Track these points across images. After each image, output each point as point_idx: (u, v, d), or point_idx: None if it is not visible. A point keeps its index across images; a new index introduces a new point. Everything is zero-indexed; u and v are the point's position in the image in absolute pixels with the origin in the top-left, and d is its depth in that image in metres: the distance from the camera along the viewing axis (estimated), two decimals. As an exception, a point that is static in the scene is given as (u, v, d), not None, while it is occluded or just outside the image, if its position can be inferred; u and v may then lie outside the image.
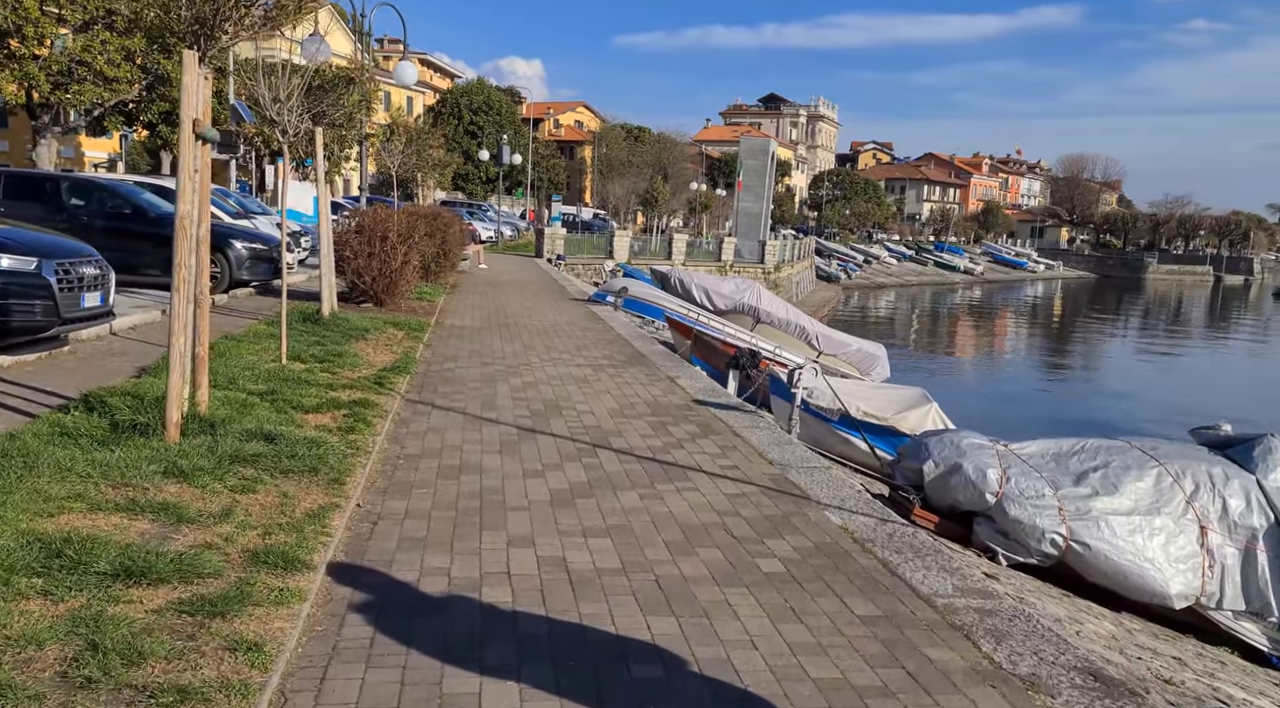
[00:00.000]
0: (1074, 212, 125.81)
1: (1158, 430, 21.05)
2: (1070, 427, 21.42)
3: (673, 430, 7.05)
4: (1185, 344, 45.69)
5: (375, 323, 11.50)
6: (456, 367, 9.47)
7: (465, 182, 65.04)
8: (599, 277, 34.01)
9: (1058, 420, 22.54)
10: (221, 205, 16.37)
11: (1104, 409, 24.93)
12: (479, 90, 67.37)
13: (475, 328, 12.88)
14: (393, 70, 14.79)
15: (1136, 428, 21.39)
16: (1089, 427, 21.35)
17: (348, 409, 6.78)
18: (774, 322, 19.23)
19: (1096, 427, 21.65)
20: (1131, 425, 21.67)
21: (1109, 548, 6.68)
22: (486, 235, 41.05)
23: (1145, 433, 20.64)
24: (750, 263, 43.97)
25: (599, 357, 10.74)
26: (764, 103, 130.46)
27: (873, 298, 65.78)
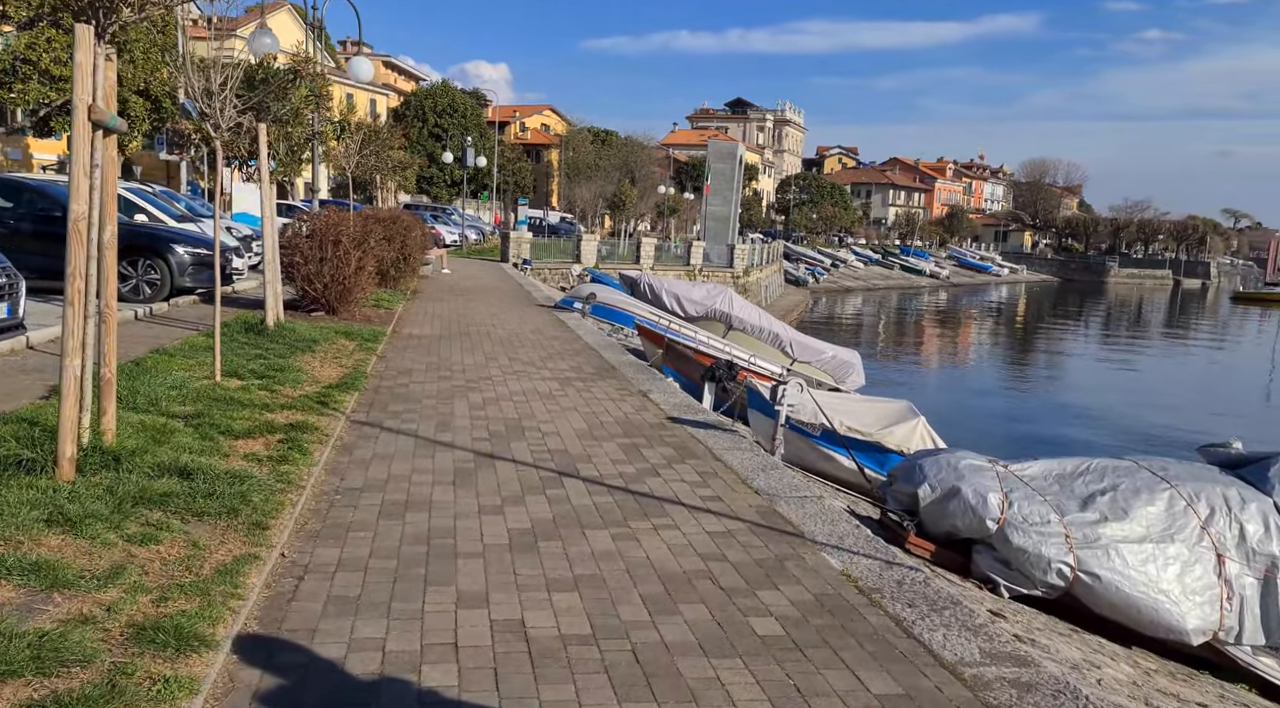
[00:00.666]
0: (1036, 216, 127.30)
1: (1138, 438, 20.83)
2: (1049, 433, 21.12)
3: (647, 454, 6.41)
4: (1151, 348, 46.00)
5: (325, 333, 10.74)
6: (411, 382, 8.75)
7: (430, 185, 63.97)
8: (566, 281, 33.31)
9: (1036, 428, 22.27)
10: (166, 208, 15.49)
11: (1080, 415, 24.72)
12: (443, 93, 66.32)
13: (434, 337, 12.15)
14: (347, 66, 14.04)
15: (1115, 435, 21.16)
16: (1069, 433, 21.06)
17: (284, 434, 6.05)
18: (747, 328, 18.69)
19: (1076, 432, 21.38)
20: (1109, 432, 21.44)
21: (1120, 579, 6.15)
22: (451, 239, 40.19)
23: (1128, 442, 20.47)
24: (719, 267, 43.55)
25: (566, 369, 10.08)
26: (731, 107, 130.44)
27: (841, 302, 65.74)
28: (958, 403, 25.92)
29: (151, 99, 21.45)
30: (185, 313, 11.95)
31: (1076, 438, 20.86)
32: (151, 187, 17.37)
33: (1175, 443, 19.80)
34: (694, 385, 12.68)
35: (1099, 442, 19.85)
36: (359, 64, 13.75)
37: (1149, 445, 19.18)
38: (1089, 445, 19.05)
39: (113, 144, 4.89)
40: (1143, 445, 19.02)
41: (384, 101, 68.19)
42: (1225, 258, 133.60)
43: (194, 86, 6.74)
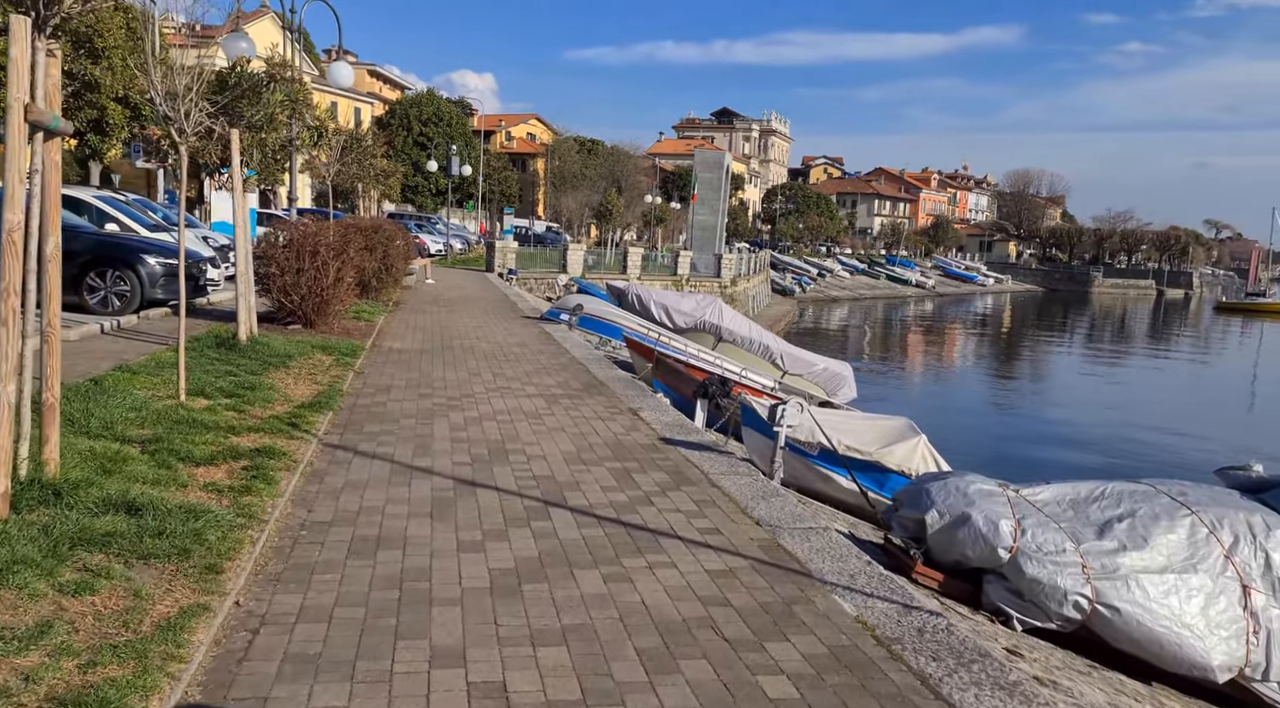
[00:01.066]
0: (1021, 226, 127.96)
1: (1137, 454, 20.55)
2: (1044, 449, 20.78)
3: (639, 480, 6.01)
4: (1141, 360, 46.01)
5: (301, 347, 10.30)
6: (389, 400, 8.33)
7: (415, 194, 63.48)
8: (552, 292, 32.91)
9: (1030, 442, 21.99)
10: (139, 217, 15.00)
11: (1074, 429, 24.50)
12: (429, 101, 65.93)
13: (416, 351, 11.72)
14: (326, 71, 13.61)
15: (1112, 450, 20.90)
16: (1065, 449, 20.73)
17: (249, 460, 5.62)
18: (737, 340, 18.36)
19: (1072, 447, 21.08)
20: (1106, 447, 21.18)
21: (1141, 612, 5.80)
22: (435, 249, 39.72)
23: (1127, 457, 20.20)
24: (706, 277, 43.29)
25: (552, 385, 9.68)
26: (717, 117, 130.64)
27: (828, 311, 65.65)
28: (949, 417, 25.66)
29: (131, 107, 20.95)
30: (156, 326, 11.47)
31: (1073, 454, 20.62)
32: (125, 195, 16.86)
33: (1179, 460, 19.60)
34: (685, 401, 12.31)
35: (1096, 458, 19.59)
36: (339, 69, 13.33)
37: (1148, 461, 18.96)
38: (1085, 462, 18.79)
39: (56, 148, 4.47)
40: (1142, 461, 18.79)
41: (369, 110, 67.76)
42: (1207, 268, 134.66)
43: (158, 89, 6.31)
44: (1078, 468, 17.33)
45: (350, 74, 13.71)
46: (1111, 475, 7.06)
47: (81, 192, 14.92)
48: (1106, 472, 17.29)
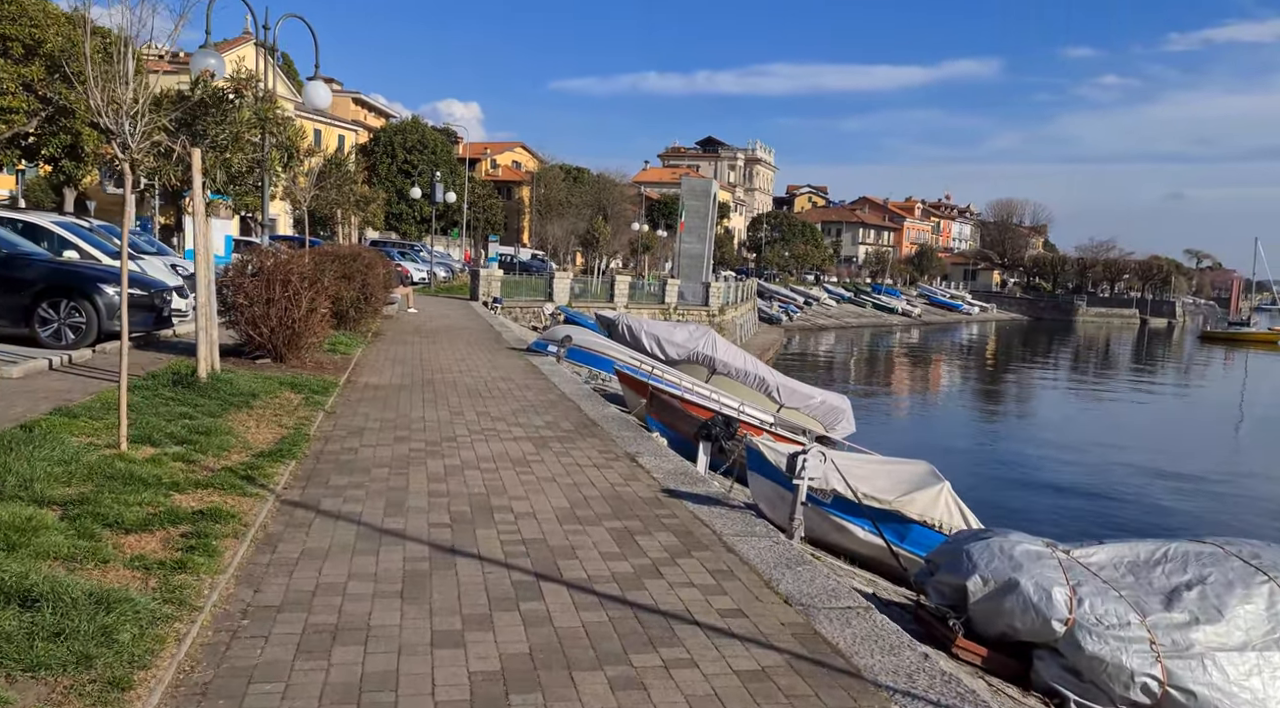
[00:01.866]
0: (1004, 255, 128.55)
1: (1156, 488, 19.81)
2: (1057, 485, 19.98)
3: (644, 544, 5.24)
4: (1136, 391, 45.65)
5: (268, 385, 9.49)
6: (361, 445, 7.52)
7: (399, 221, 62.83)
8: (538, 320, 32.17)
9: (1036, 480, 21.30)
10: (101, 244, 14.19)
11: (1081, 465, 23.87)
12: (413, 129, 65.51)
13: (394, 387, 10.92)
14: (303, 93, 12.92)
15: (1128, 486, 20.22)
16: (1078, 483, 19.96)
17: (190, 525, 4.82)
18: (731, 372, 17.63)
19: (1079, 485, 20.37)
20: (1121, 484, 20.51)
21: (1220, 697, 5.07)
22: (419, 277, 38.97)
23: (1146, 494, 19.48)
24: (694, 305, 42.72)
25: (541, 425, 8.90)
26: (702, 145, 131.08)
27: (815, 340, 65.21)
28: (950, 454, 24.99)
29: (105, 132, 20.15)
30: (112, 361, 10.61)
31: (1087, 491, 19.93)
32: (89, 221, 16.05)
33: (1203, 505, 18.87)
34: (682, 440, 11.55)
35: (1115, 505, 18.77)
36: (315, 89, 12.62)
37: (1173, 508, 18.21)
38: (1109, 510, 17.95)
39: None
40: (1168, 510, 18.03)
41: (353, 137, 67.28)
42: (1188, 297, 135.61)
43: (96, 97, 5.57)
44: (1096, 515, 16.62)
45: (328, 95, 13.00)
46: (1143, 525, 6.41)
47: (40, 217, 14.11)
48: (1135, 522, 16.64)
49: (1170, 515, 16.72)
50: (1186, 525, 15.28)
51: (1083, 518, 16.57)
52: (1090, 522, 15.94)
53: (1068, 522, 15.94)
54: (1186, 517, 16.81)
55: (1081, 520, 16.25)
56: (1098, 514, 17.08)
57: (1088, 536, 6.92)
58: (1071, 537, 6.07)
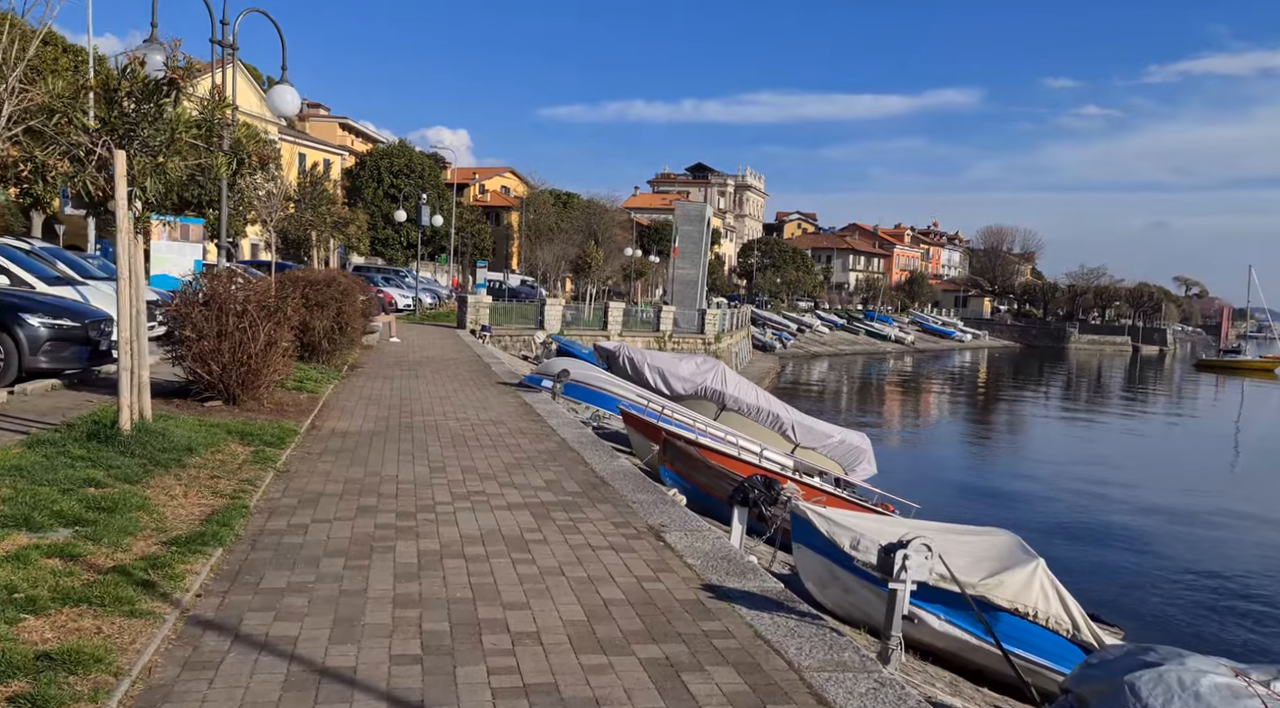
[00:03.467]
0: (994, 282, 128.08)
1: (1193, 531, 18.24)
2: (1082, 534, 18.32)
3: (698, 691, 3.68)
4: (1142, 422, 44.41)
5: (211, 434, 7.90)
6: (313, 520, 5.94)
7: (385, 247, 61.39)
8: (529, 350, 30.61)
9: (1063, 526, 19.76)
10: (39, 268, 12.58)
11: (1095, 498, 22.38)
12: (400, 153, 64.22)
13: (366, 434, 9.34)
14: (268, 97, 11.41)
15: (1161, 529, 18.70)
16: (1103, 534, 18.32)
17: (28, 680, 3.23)
18: (742, 408, 16.13)
19: (1107, 532, 18.77)
20: (1150, 525, 19.01)
21: None
22: (404, 304, 37.40)
23: (1179, 537, 17.95)
24: (690, 333, 41.32)
25: (541, 486, 7.34)
26: (692, 172, 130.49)
27: (808, 368, 63.89)
28: (952, 479, 23.52)
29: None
30: (31, 405, 9.00)
31: (1119, 536, 18.41)
32: (30, 243, 14.48)
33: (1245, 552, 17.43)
34: (700, 493, 10.00)
35: (1147, 552, 17.29)
36: (282, 95, 11.13)
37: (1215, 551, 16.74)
38: (1141, 560, 16.45)
39: None
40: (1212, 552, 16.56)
41: (339, 161, 66.00)
42: (1178, 325, 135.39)
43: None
44: (1137, 568, 15.07)
45: (295, 100, 11.52)
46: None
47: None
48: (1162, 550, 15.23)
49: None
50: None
51: (1111, 570, 15.08)
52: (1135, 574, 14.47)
53: (1104, 575, 14.44)
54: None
55: (1125, 573, 14.76)
56: (1126, 566, 15.56)
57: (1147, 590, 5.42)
58: (1261, 662, 4.56)
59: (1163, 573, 15.71)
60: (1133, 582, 14.95)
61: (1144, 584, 14.77)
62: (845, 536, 6.62)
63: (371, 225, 56.67)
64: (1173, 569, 15.94)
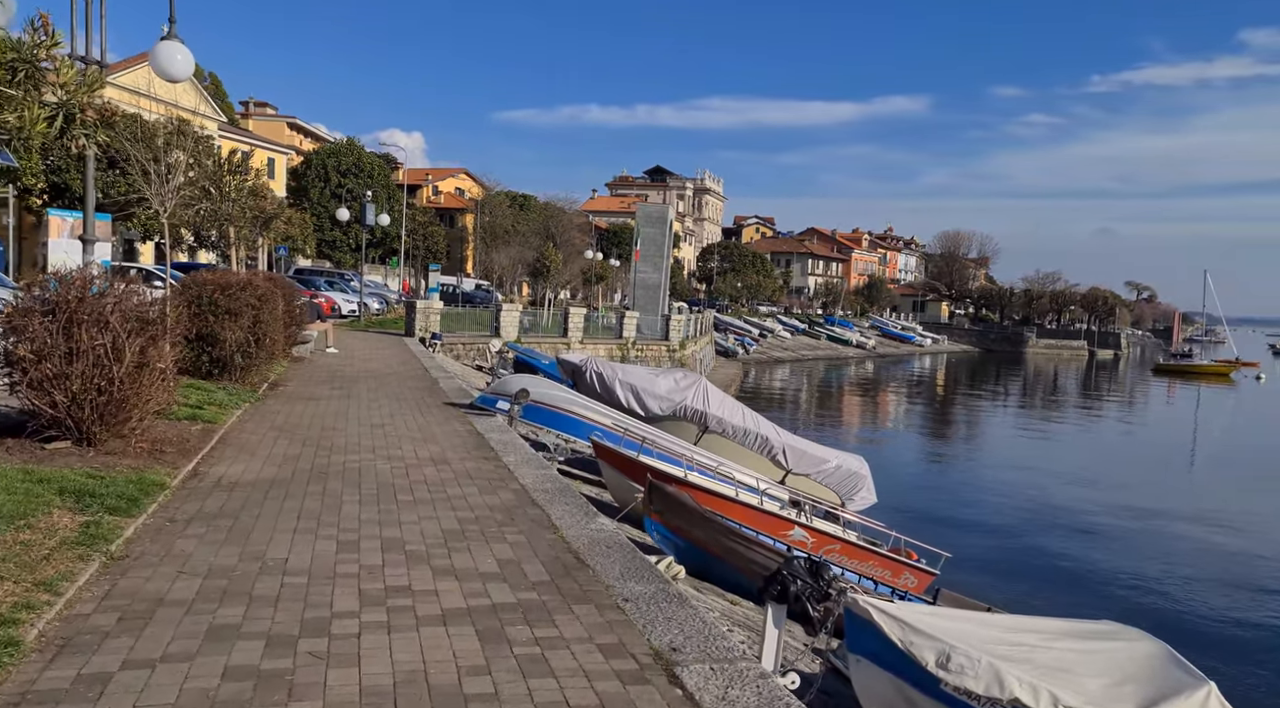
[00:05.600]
0: (952, 286, 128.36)
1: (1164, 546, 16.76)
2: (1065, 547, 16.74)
3: None
4: (1107, 427, 43.45)
5: (29, 495, 5.64)
6: (124, 664, 3.74)
7: (333, 249, 58.41)
8: (483, 359, 28.33)
9: (1045, 542, 18.10)
10: None
11: (1078, 515, 20.82)
12: (348, 151, 61.21)
13: (263, 485, 7.13)
14: (150, 58, 9.09)
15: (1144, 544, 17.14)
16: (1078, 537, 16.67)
17: None
18: (727, 430, 14.12)
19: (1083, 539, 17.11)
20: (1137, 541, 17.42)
21: None
22: (348, 309, 34.81)
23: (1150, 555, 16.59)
24: (654, 339, 39.40)
25: (493, 572, 5.22)
26: (650, 175, 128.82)
27: (774, 374, 62.37)
28: (941, 499, 21.82)
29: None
30: None
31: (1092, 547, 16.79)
32: None
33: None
34: (696, 551, 7.94)
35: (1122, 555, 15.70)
36: (166, 54, 8.81)
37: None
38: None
39: None
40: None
41: (284, 160, 62.94)
42: (1130, 329, 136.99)
43: None
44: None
45: (187, 64, 9.20)
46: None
47: None
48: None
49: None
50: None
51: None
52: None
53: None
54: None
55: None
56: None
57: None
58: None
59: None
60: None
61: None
62: (928, 647, 4.62)
63: (318, 227, 53.78)
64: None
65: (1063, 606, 13.18)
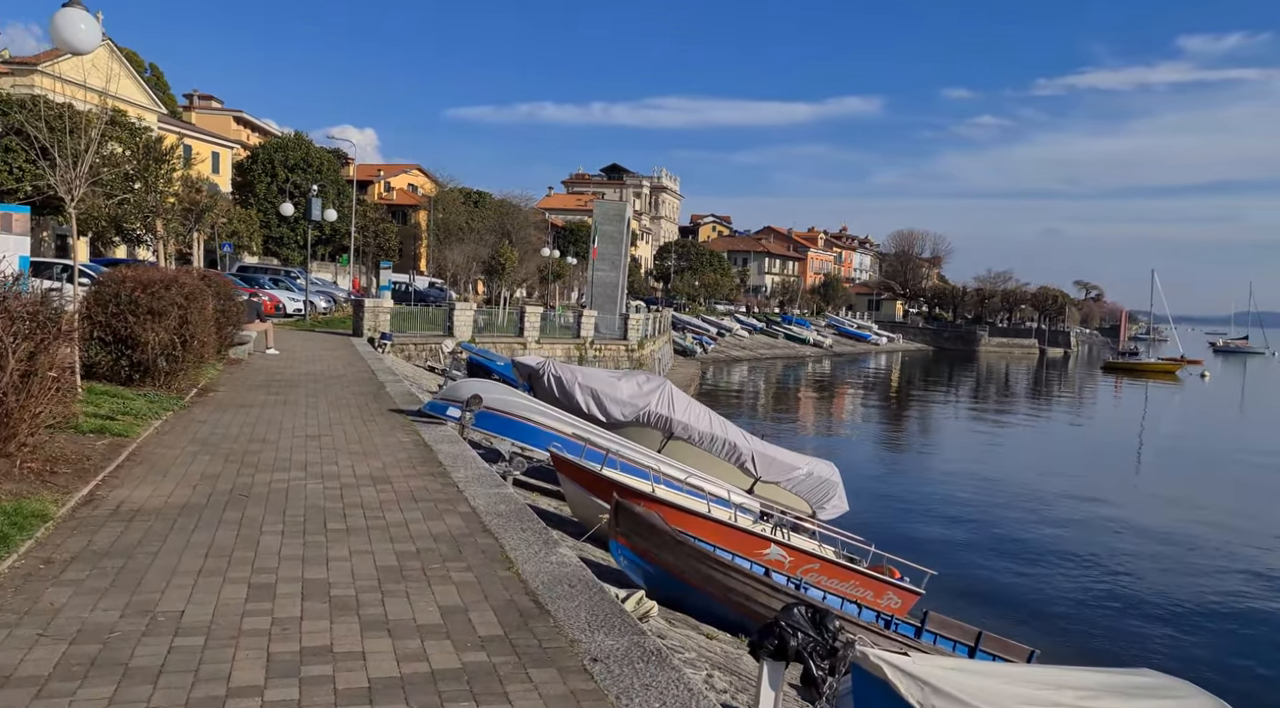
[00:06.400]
0: (906, 285, 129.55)
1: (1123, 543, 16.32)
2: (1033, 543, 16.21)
3: None
4: (1061, 424, 43.65)
5: None
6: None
7: (280, 246, 56.57)
8: (436, 359, 27.26)
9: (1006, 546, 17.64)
10: None
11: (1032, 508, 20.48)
12: (296, 146, 59.35)
13: (171, 512, 6.18)
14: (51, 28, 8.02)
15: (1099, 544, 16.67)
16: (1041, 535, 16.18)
17: None
18: (693, 437, 13.35)
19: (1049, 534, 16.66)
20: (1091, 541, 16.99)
21: None
22: (294, 308, 33.42)
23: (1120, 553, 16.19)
24: (612, 339, 38.60)
25: (434, 624, 4.36)
26: (607, 172, 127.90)
27: (732, 373, 61.95)
28: (912, 501, 21.33)
29: None
30: None
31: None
32: None
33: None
34: (668, 577, 7.16)
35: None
36: (68, 22, 7.79)
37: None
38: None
39: None
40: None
41: (229, 155, 60.92)
42: (1079, 327, 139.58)
43: None
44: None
45: (92, 31, 8.14)
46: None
47: None
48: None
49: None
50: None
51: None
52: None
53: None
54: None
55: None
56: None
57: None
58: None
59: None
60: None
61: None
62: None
63: (265, 223, 51.98)
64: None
65: (1056, 628, 12.66)
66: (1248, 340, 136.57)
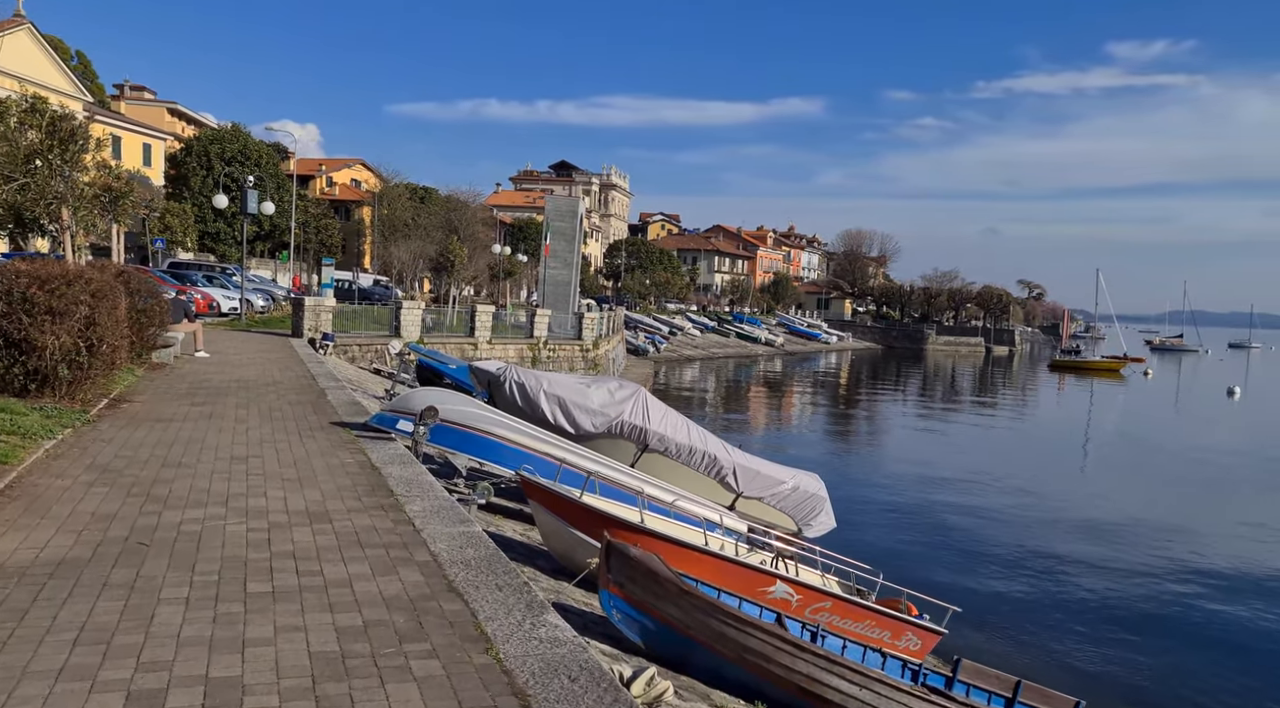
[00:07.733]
0: (854, 284, 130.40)
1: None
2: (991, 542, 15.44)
3: None
4: (1006, 421, 43.56)
5: None
6: None
7: (217, 241, 53.94)
8: (382, 361, 25.66)
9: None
10: None
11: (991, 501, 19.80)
12: (233, 138, 56.65)
13: (42, 569, 4.78)
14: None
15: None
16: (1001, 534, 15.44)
17: None
18: (670, 450, 12.17)
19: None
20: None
21: None
22: (229, 307, 31.42)
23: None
24: (566, 339, 37.33)
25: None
26: (556, 169, 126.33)
27: (685, 372, 61.09)
28: (861, 497, 20.49)
29: None
30: None
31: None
32: None
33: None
34: (671, 633, 5.95)
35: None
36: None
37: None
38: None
39: None
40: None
41: (162, 147, 58.08)
42: (1023, 326, 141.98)
43: None
44: None
45: None
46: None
47: None
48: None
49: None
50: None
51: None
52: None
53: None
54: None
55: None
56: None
57: None
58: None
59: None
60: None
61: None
62: None
63: (200, 218, 49.45)
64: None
65: (1085, 659, 11.68)
66: (1183, 339, 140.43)
